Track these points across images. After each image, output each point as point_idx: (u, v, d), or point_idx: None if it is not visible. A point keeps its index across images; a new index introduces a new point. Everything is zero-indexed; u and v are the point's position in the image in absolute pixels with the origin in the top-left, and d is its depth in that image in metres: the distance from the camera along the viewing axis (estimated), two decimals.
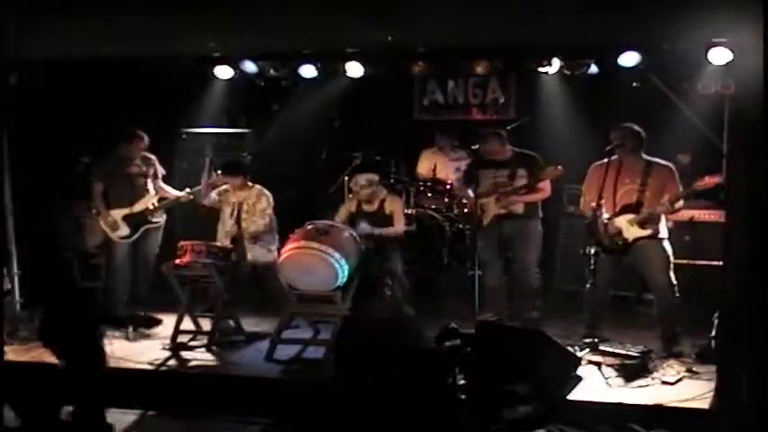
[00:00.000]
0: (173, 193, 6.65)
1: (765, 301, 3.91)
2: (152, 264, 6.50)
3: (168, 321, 6.00)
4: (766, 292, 3.92)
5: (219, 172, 6.28)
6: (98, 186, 6.48)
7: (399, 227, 6.14)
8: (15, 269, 6.34)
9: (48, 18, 5.18)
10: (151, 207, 6.50)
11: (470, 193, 6.01)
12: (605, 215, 5.27)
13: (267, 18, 5.47)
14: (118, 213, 6.45)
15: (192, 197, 6.51)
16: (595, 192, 5.29)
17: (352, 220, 6.13)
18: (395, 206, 6.18)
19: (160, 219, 6.61)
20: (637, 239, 5.21)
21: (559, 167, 5.68)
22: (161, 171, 6.72)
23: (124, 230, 6.46)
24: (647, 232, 5.18)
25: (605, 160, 5.28)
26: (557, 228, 6.99)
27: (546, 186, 5.85)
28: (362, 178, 6.19)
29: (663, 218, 5.27)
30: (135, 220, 6.47)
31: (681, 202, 5.16)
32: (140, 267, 6.60)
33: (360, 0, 4.91)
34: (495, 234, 5.91)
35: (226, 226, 6.18)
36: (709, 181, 4.98)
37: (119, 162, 6.53)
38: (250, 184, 6.23)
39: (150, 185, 6.59)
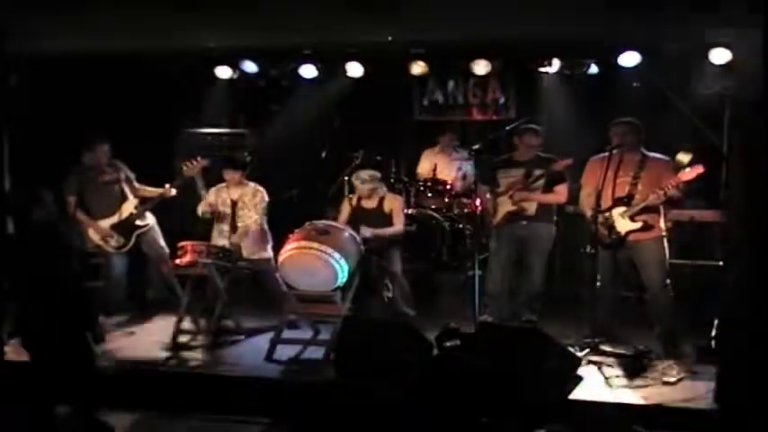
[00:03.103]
0: (153, 191, 6.53)
1: (765, 301, 3.91)
2: (166, 261, 6.37)
3: (168, 321, 6.00)
4: (766, 292, 3.92)
5: (199, 158, 6.25)
6: (71, 200, 6.34)
7: (399, 225, 6.13)
8: None
9: (46, 17, 5.19)
10: (135, 211, 6.41)
11: (488, 195, 6.05)
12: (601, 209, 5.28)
13: (267, 18, 5.48)
14: (106, 224, 6.38)
15: (174, 192, 6.38)
16: (593, 185, 5.29)
17: (352, 218, 6.12)
18: (394, 204, 6.17)
19: (148, 221, 6.51)
20: (629, 233, 5.20)
21: (569, 160, 5.70)
22: (131, 175, 6.59)
23: (117, 241, 6.40)
24: (637, 225, 5.17)
25: (605, 154, 5.28)
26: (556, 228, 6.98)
27: (562, 190, 5.85)
28: (365, 173, 6.17)
29: (661, 215, 5.26)
30: (124, 229, 6.40)
31: (665, 194, 5.10)
32: (152, 269, 6.61)
33: (360, 0, 4.92)
34: (506, 236, 5.92)
35: (223, 223, 6.18)
36: (693, 171, 4.97)
37: (88, 172, 6.41)
38: (246, 181, 6.23)
39: (127, 190, 6.49)
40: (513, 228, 5.90)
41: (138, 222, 6.43)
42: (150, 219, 6.56)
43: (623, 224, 5.21)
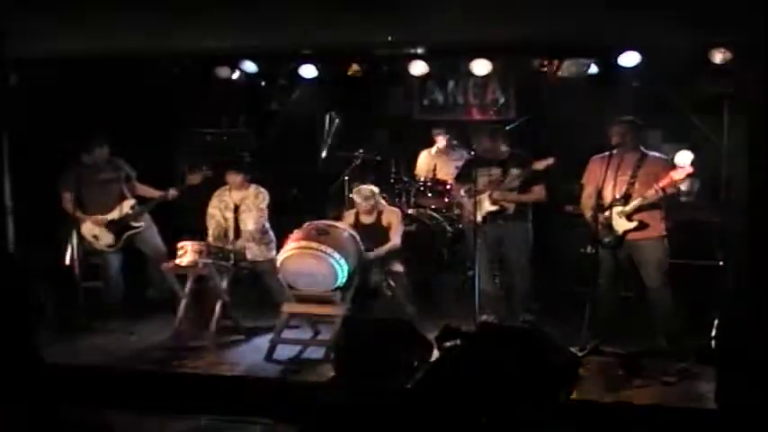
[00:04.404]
0: (151, 192, 6.52)
1: (765, 301, 3.91)
2: (164, 259, 6.35)
3: (168, 321, 6.00)
4: (766, 292, 3.91)
5: (204, 168, 6.26)
6: (67, 196, 6.31)
7: (396, 239, 6.09)
8: None
9: (47, 17, 5.19)
10: (130, 211, 6.39)
11: (462, 192, 6.03)
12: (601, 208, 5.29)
13: (267, 18, 5.47)
14: (99, 221, 6.35)
15: (178, 194, 6.38)
16: (594, 184, 5.29)
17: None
18: (392, 218, 6.15)
19: (142, 222, 6.48)
20: (627, 232, 5.20)
21: (551, 159, 5.67)
22: (132, 173, 6.58)
23: (107, 239, 6.38)
24: (633, 224, 5.17)
25: (606, 153, 5.28)
26: (556, 228, 6.98)
27: (539, 189, 5.85)
28: (366, 190, 6.14)
29: (661, 215, 5.26)
30: (117, 228, 6.37)
31: (659, 193, 5.11)
32: (151, 268, 6.59)
33: (360, 0, 4.92)
34: (486, 236, 5.91)
35: (224, 227, 6.16)
36: (683, 171, 4.97)
37: (86, 170, 6.38)
38: (248, 183, 6.22)
39: (125, 189, 6.47)
40: (492, 227, 5.91)
41: (132, 223, 6.40)
42: (145, 219, 6.54)
43: (620, 223, 5.22)
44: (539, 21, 5.56)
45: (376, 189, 6.21)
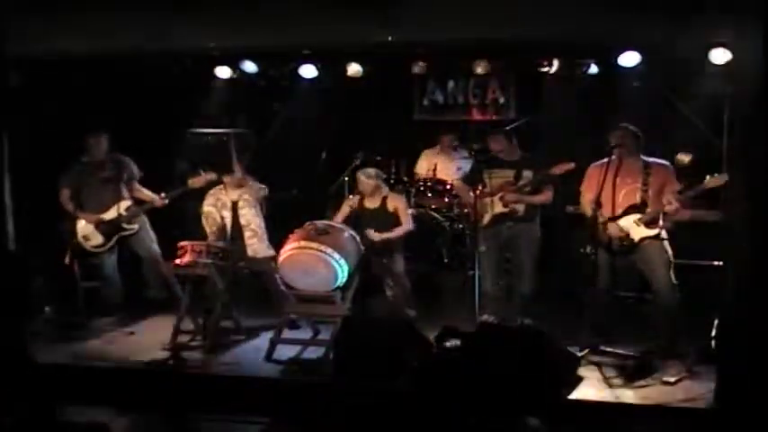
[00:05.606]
0: (149, 195, 6.48)
1: (765, 301, 3.91)
2: (158, 261, 6.38)
3: (168, 321, 6.00)
4: (766, 292, 3.92)
5: (202, 172, 6.25)
6: (65, 193, 6.30)
7: (407, 225, 6.09)
8: None
9: (47, 17, 5.19)
10: (125, 213, 6.36)
11: (470, 193, 6.02)
12: (606, 216, 5.26)
13: (267, 18, 5.48)
14: (92, 220, 6.31)
15: (167, 201, 6.38)
16: (594, 192, 5.28)
17: (353, 218, 6.12)
18: (398, 203, 6.15)
19: (135, 225, 6.43)
20: (642, 239, 5.20)
21: (571, 164, 5.63)
22: (137, 172, 6.54)
23: (97, 239, 6.34)
24: (654, 232, 5.17)
25: (604, 160, 5.28)
26: (556, 228, 6.98)
27: (548, 192, 5.85)
28: (371, 170, 6.21)
29: (660, 216, 5.26)
30: (107, 229, 6.33)
31: (683, 202, 5.13)
32: (145, 269, 6.57)
33: (360, 0, 4.92)
34: (495, 236, 5.91)
35: (222, 225, 6.16)
36: (716, 181, 4.97)
37: (87, 167, 6.34)
38: (245, 179, 6.20)
39: (124, 190, 6.42)
40: (501, 228, 5.89)
41: (124, 225, 6.38)
42: (139, 221, 6.50)
43: (638, 231, 5.20)
44: (539, 21, 5.57)
45: (379, 171, 6.27)
